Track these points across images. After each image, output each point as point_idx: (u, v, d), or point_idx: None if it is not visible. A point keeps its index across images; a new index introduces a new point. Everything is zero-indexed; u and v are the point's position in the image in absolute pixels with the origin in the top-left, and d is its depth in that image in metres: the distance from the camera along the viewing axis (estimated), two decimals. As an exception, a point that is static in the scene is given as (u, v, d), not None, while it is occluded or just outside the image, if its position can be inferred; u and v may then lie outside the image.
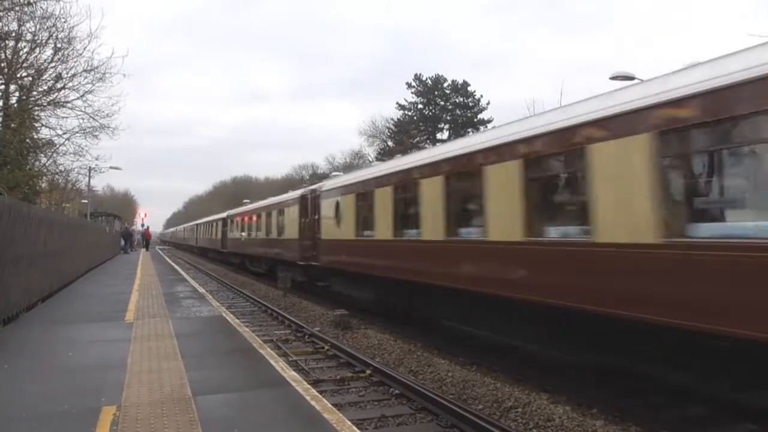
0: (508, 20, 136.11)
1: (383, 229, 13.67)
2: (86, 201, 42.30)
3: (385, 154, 53.07)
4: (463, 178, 10.71)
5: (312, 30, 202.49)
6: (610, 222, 7.12)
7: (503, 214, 9.12)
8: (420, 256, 12.03)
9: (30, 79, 20.16)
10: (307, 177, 72.81)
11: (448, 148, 12.05)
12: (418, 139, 57.44)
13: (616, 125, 7.09)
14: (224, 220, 41.11)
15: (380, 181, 14.20)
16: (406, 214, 12.87)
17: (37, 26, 18.98)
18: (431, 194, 11.50)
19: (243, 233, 33.21)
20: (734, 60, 6.03)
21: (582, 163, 7.55)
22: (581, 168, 7.59)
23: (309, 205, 20.24)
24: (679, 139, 6.49)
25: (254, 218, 30.11)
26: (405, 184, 12.84)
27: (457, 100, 59.94)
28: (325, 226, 18.02)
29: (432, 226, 11.43)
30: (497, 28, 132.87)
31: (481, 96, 59.60)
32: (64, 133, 21.39)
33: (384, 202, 13.70)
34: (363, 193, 15.21)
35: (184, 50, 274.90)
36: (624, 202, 6.93)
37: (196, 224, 64.01)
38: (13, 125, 19.10)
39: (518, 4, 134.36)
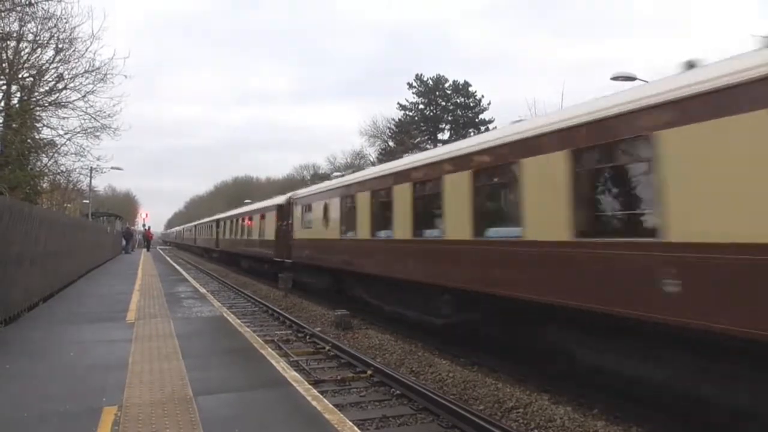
0: (508, 21, 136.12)
1: None
2: (87, 201, 42.36)
3: (386, 155, 53.04)
4: None
5: (313, 31, 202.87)
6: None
7: None
8: None
9: (31, 79, 20.18)
10: (309, 177, 72.87)
11: None
12: (419, 139, 57.44)
13: None
14: (282, 208, 24.55)
15: None
16: None
17: (39, 27, 19.00)
18: None
19: (344, 229, 16.56)
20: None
21: None
22: None
23: None
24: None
25: (405, 193, 12.75)
26: None
27: (458, 101, 59.93)
28: None
29: None
30: (498, 29, 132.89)
31: (482, 96, 59.68)
32: (65, 134, 21.42)
33: None
34: None
35: (187, 52, 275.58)
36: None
37: (216, 220, 48.04)
38: (14, 125, 19.10)
39: (519, 5, 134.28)
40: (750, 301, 5.58)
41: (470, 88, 59.69)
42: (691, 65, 7.29)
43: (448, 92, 60.17)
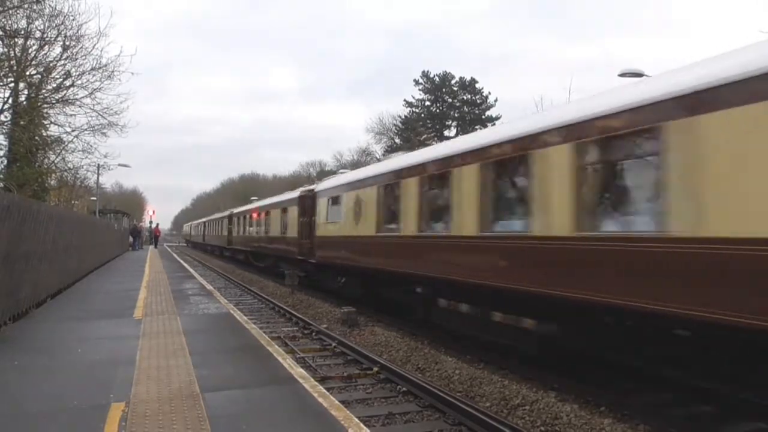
0: (513, 20, 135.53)
1: None
2: (95, 198, 42.57)
3: (392, 152, 52.99)
4: None
5: (320, 30, 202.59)
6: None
7: None
8: None
9: (39, 76, 20.27)
10: (315, 174, 72.92)
11: None
12: (425, 136, 57.34)
13: None
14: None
15: None
16: None
17: (46, 24, 19.10)
18: None
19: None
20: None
21: None
22: None
23: None
24: None
25: None
26: None
27: (465, 97, 59.79)
28: None
29: None
30: (504, 26, 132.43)
31: (489, 93, 59.53)
32: (72, 131, 21.52)
33: None
34: None
35: (195, 51, 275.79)
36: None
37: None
38: (22, 122, 19.22)
39: (524, 4, 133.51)
40: None
41: (477, 85, 59.58)
42: None
43: (455, 89, 60.03)
